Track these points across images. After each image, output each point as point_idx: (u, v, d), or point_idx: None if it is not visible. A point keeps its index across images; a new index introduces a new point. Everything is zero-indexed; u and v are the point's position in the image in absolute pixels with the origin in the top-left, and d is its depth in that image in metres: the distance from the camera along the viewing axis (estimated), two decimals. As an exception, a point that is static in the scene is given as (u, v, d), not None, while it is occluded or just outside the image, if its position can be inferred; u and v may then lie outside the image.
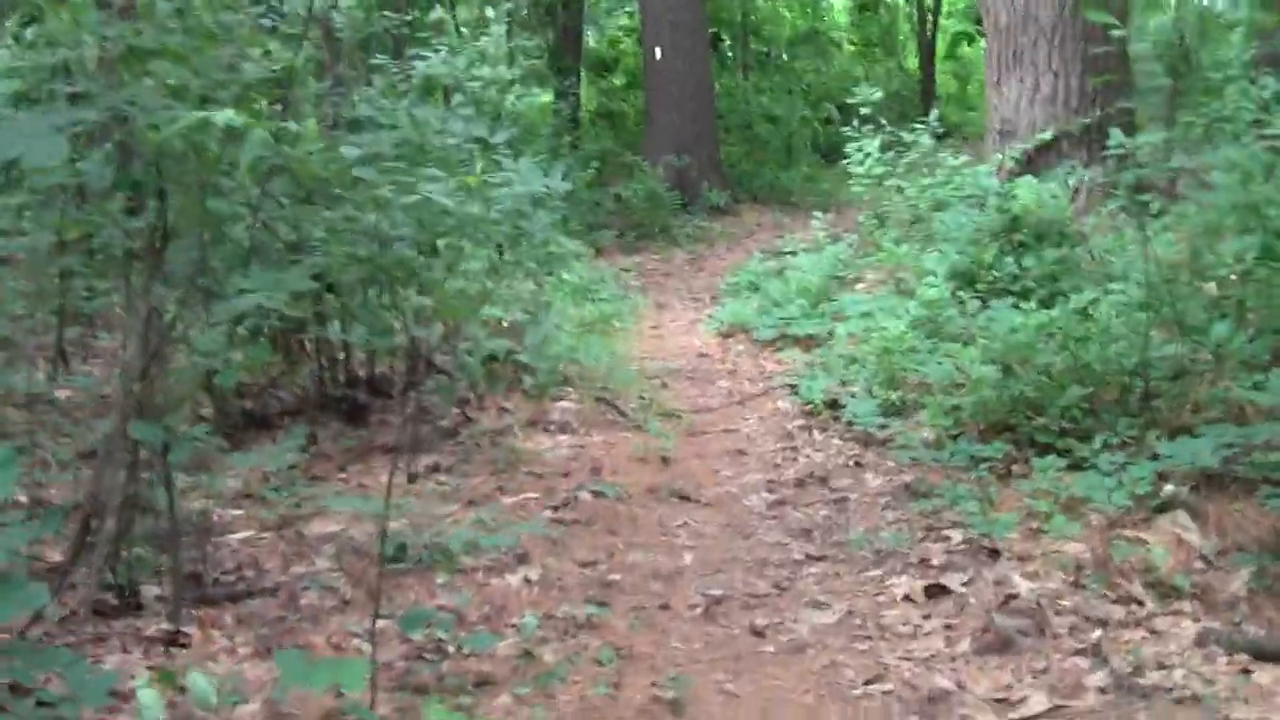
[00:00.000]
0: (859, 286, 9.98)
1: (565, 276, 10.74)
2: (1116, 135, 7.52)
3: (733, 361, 9.00)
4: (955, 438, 6.38)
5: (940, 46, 24.27)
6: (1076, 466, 5.76)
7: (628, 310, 11.23)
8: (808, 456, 6.67)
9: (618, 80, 25.39)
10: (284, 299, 4.68)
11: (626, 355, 9.30)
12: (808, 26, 24.00)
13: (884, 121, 10.49)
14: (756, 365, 8.78)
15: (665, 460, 6.66)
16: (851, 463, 6.46)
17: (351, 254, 6.81)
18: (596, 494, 6.00)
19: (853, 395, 7.25)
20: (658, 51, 18.31)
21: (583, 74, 23.87)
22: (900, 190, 10.10)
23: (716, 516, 5.83)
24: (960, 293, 8.30)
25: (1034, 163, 9.98)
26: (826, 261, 9.96)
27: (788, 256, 11.33)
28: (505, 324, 8.57)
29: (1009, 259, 8.42)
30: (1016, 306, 8.08)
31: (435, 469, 6.50)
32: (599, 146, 19.13)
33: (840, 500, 5.93)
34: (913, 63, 24.36)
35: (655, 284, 14.01)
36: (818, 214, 11.09)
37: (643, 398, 7.93)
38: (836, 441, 6.84)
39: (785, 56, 22.89)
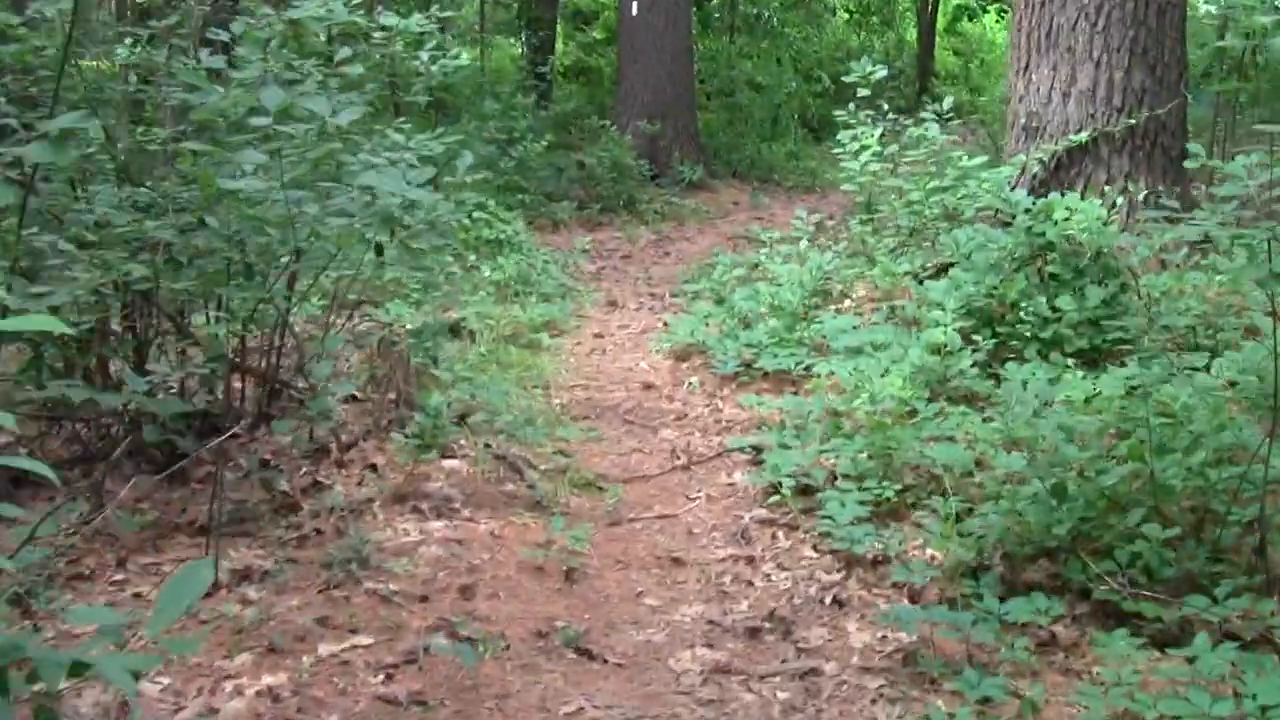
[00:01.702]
0: (845, 304, 8.00)
1: (487, 272, 8.71)
2: (1197, 151, 5.59)
3: (684, 400, 7.00)
4: (975, 572, 4.43)
5: (939, 20, 22.15)
6: (1161, 645, 3.84)
7: (568, 313, 9.21)
8: (768, 578, 4.69)
9: (597, 34, 23.24)
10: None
11: (552, 381, 7.30)
12: (800, -10, 21.84)
13: (885, 106, 8.44)
14: (712, 409, 6.78)
15: (570, 572, 4.68)
16: (828, 598, 4.49)
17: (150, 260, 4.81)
18: (458, 639, 4.03)
19: (833, 481, 5.28)
20: (634, 5, 16.18)
21: (559, 25, 21.73)
22: (901, 194, 8.08)
23: (627, 692, 3.86)
24: (975, 336, 6.33)
25: (1064, 169, 8.01)
26: (808, 274, 7.95)
27: (761, 258, 9.31)
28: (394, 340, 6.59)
29: (1039, 297, 6.45)
30: (1044, 356, 6.14)
31: (246, 575, 4.51)
32: (567, 107, 17.00)
33: (811, 673, 3.96)
34: (911, 35, 22.24)
35: (611, 270, 11.98)
36: (800, 214, 9.07)
37: (560, 454, 5.94)
38: (809, 554, 4.86)
39: (775, 21, 20.74)
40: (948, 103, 8.23)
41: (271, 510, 5.11)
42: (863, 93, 8.16)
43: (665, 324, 8.89)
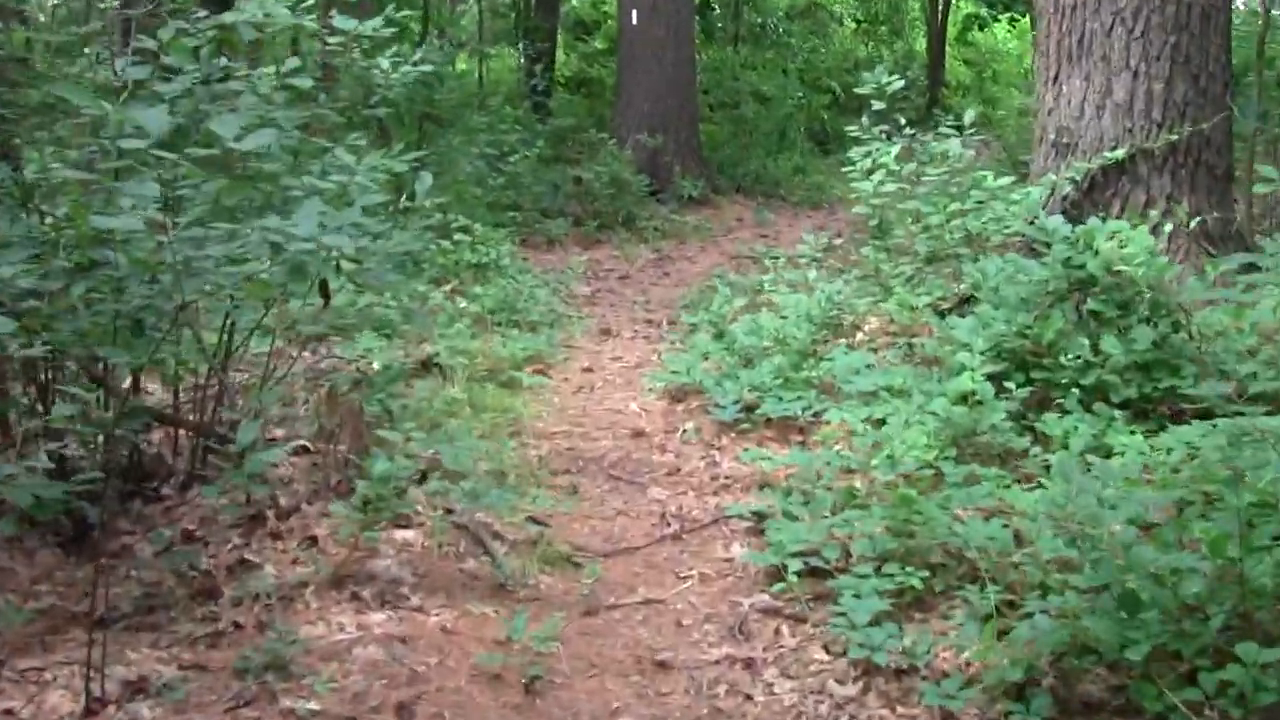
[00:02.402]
0: (857, 338, 7.17)
1: (464, 304, 7.90)
2: (1271, 175, 4.79)
3: (677, 451, 6.17)
4: (1021, 689, 3.61)
5: (949, 29, 21.32)
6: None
7: (556, 343, 8.38)
8: (770, 689, 3.86)
9: (599, 44, 22.45)
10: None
11: (530, 428, 6.48)
12: (807, 0, 21.00)
13: (902, 120, 7.61)
14: (709, 462, 5.96)
15: (533, 682, 3.86)
16: (844, 718, 3.67)
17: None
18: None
19: (848, 562, 4.45)
20: (634, 14, 15.39)
21: (559, 35, 20.96)
22: (919, 217, 7.24)
23: None
24: (1007, 382, 5.51)
25: (1099, 189, 7.18)
26: (816, 305, 7.14)
27: (765, 284, 8.49)
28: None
29: (1079, 337, 5.63)
30: (1086, 407, 5.33)
31: (141, 687, 3.70)
32: (565, 120, 16.18)
33: (821, 830, 3.14)
34: (921, 45, 21.41)
35: (607, 293, 11.17)
36: (807, 237, 8.24)
37: (532, 521, 5.12)
38: (820, 657, 4.03)
39: (781, 31, 19.92)
40: (969, 116, 7.40)
41: (188, 596, 4.30)
42: (876, 105, 7.32)
43: (660, 356, 8.08)
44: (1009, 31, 22.23)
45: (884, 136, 7.71)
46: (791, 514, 4.85)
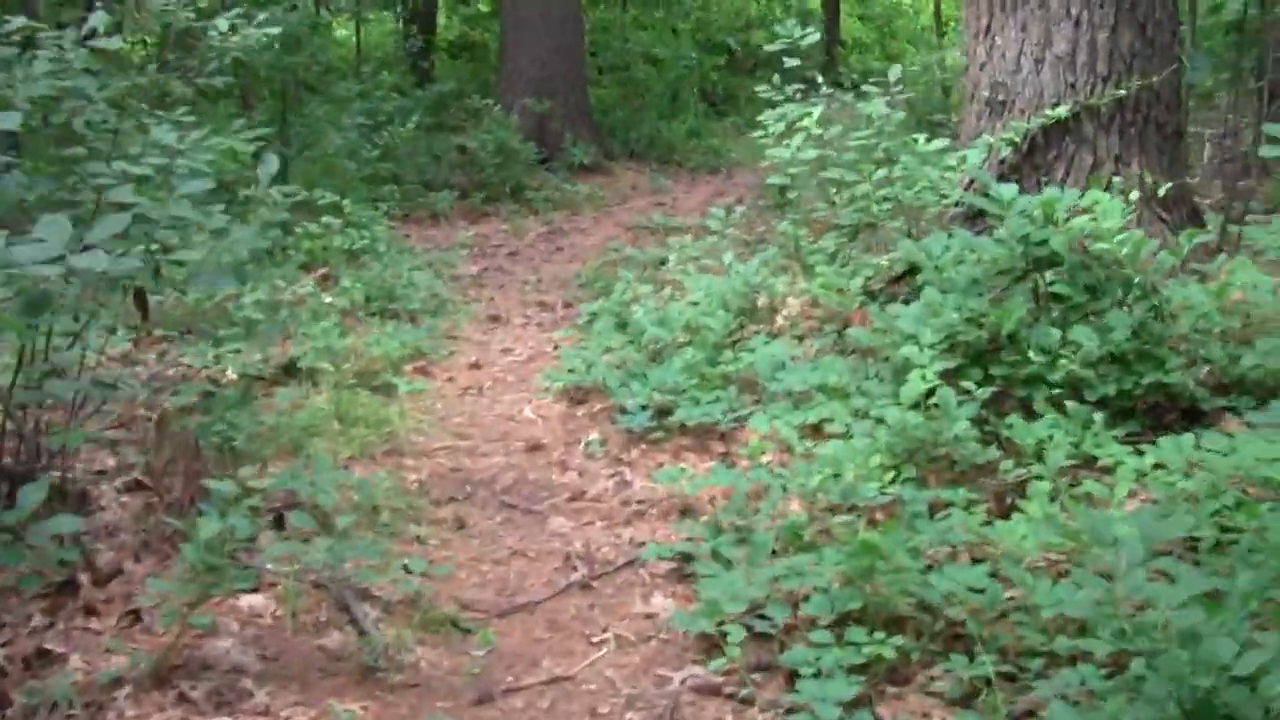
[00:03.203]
0: (778, 323, 6.29)
1: (326, 298, 6.88)
2: (1276, 132, 4.02)
3: (580, 468, 5.24)
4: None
5: (843, -15, 20.49)
6: None
7: (440, 334, 7.41)
8: (716, 810, 2.99)
9: (482, 5, 21.30)
10: None
11: (408, 443, 5.52)
12: (696, -45, 19.99)
13: (819, 78, 6.69)
14: (618, 482, 5.03)
15: (410, 819, 2.94)
16: None
17: None
18: None
19: (797, 618, 3.57)
20: (517, -28, 14.34)
21: (440, -4, 19.80)
22: (841, 185, 6.34)
23: None
24: (964, 380, 4.67)
25: (1040, 151, 6.37)
26: (731, 289, 6.25)
27: (670, 262, 7.59)
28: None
29: (1045, 325, 4.80)
30: (1058, 407, 4.53)
31: None
32: (446, 86, 15.07)
33: None
34: (816, 1, 20.54)
35: (495, 272, 10.19)
36: (716, 213, 7.33)
37: (406, 570, 4.16)
38: (773, 763, 3.16)
39: (670, -12, 18.93)
40: (894, 73, 6.50)
41: (-37, 705, 3.30)
42: (790, 62, 6.39)
43: (556, 347, 7.15)
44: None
45: (798, 97, 6.81)
46: (723, 556, 3.96)
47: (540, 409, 6.04)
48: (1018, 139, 6.32)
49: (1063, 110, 6.24)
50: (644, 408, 5.44)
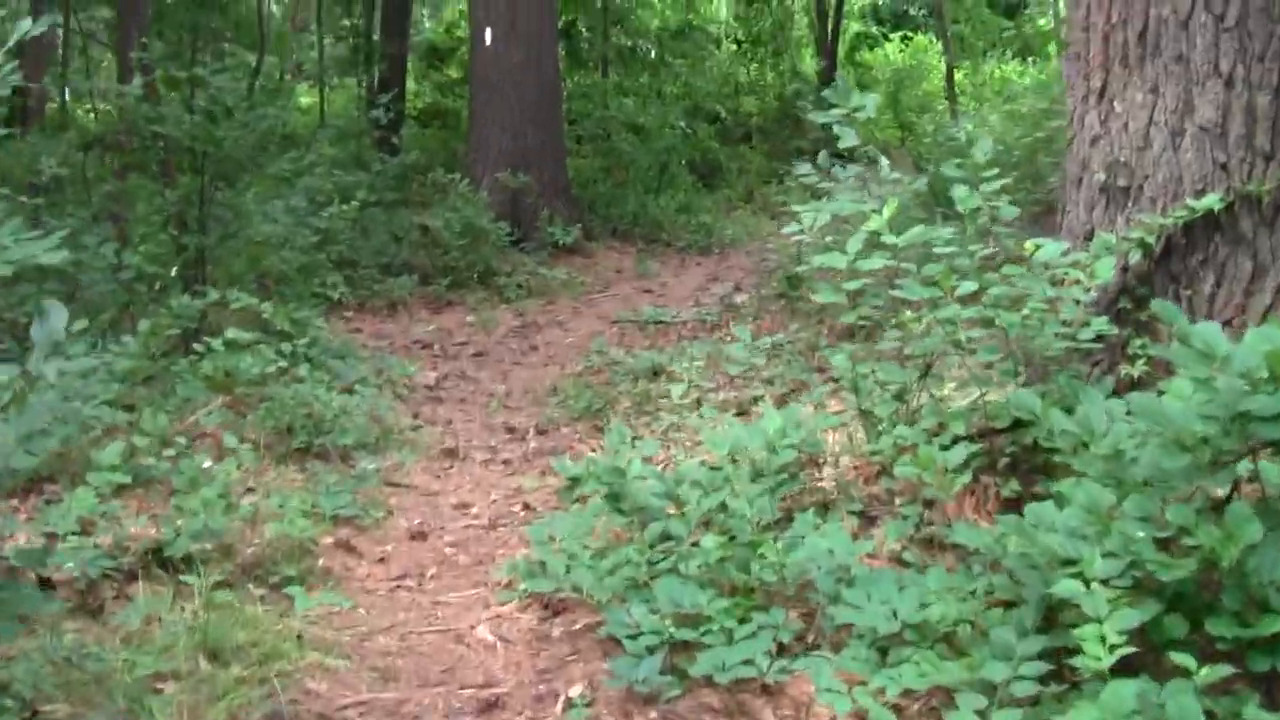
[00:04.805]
0: (825, 482, 4.42)
1: (207, 463, 4.95)
2: None
3: (559, 757, 3.38)
4: None
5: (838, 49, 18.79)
6: None
7: (376, 482, 5.55)
8: None
9: (453, 72, 19.61)
10: None
11: (304, 693, 3.61)
12: (681, 20, 18.26)
13: (877, 157, 4.83)
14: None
15: None
16: None
17: None
18: None
19: None
20: (488, 34, 12.60)
21: (409, 62, 18.06)
22: (919, 306, 4.44)
23: None
24: (1168, 644, 2.81)
25: (1178, 254, 4.58)
26: (763, 444, 4.39)
27: (673, 395, 5.72)
28: None
29: (1295, 557, 2.95)
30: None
31: None
32: (409, 157, 13.25)
33: None
34: (809, 65, 18.81)
35: (456, 380, 8.33)
36: (739, 346, 5.32)
37: None
38: None
39: (652, 52, 17.20)
40: (983, 148, 4.61)
41: None
42: (845, 137, 4.52)
43: (527, 507, 5.30)
44: (901, 51, 19.80)
45: (861, 187, 4.95)
46: None
47: (501, 623, 4.14)
48: (1150, 238, 4.51)
49: (1212, 200, 4.44)
50: (650, 650, 3.55)
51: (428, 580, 4.65)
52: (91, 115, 16.04)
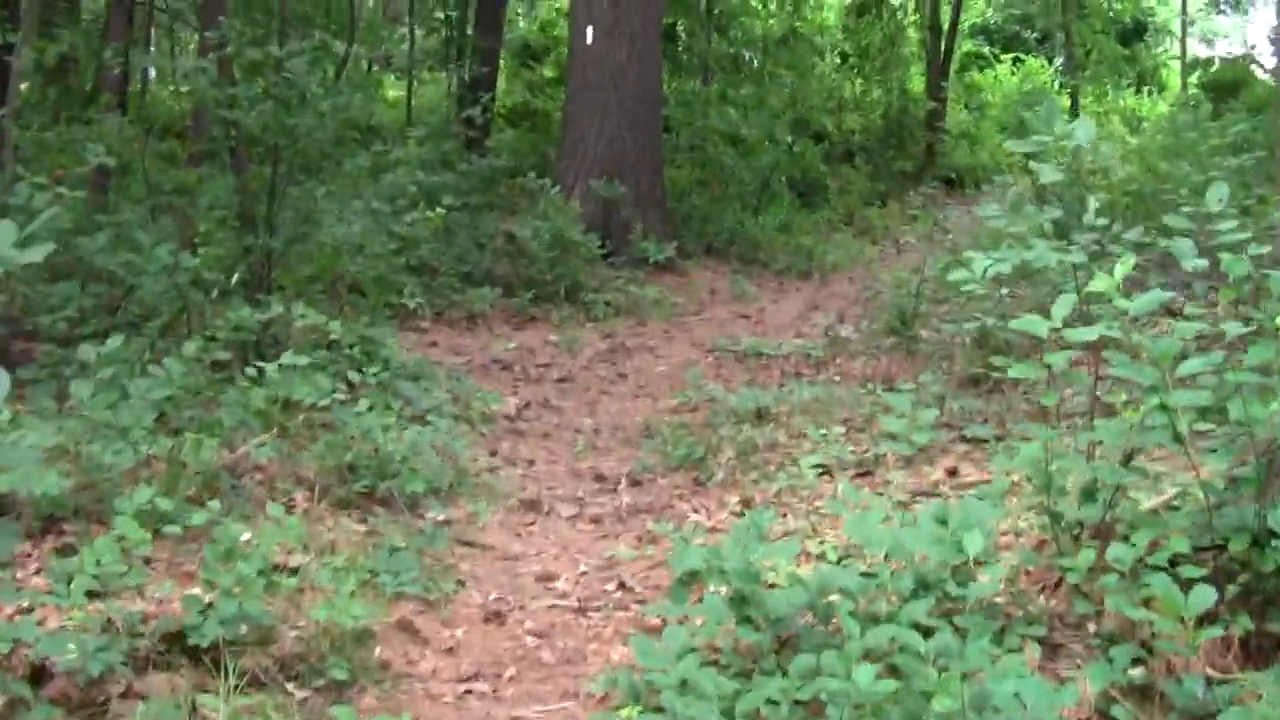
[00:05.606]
0: (984, 588, 3.52)
1: (244, 535, 4.11)
2: None
3: None
4: None
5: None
6: None
7: (445, 543, 4.70)
8: None
9: (548, 71, 18.81)
10: None
11: None
12: (786, 28, 17.33)
13: (1085, 199, 3.84)
14: None
15: None
16: None
17: None
18: None
19: None
20: (589, 32, 11.75)
21: (501, 60, 17.27)
22: (1147, 401, 3.44)
23: None
24: None
25: None
26: (937, 551, 3.49)
27: (808, 475, 4.81)
28: None
29: None
30: None
31: None
32: (498, 161, 12.40)
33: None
34: (917, 83, 17.81)
35: (539, 410, 7.49)
36: (900, 404, 4.40)
37: None
38: None
39: (757, 61, 16.29)
40: (1216, 195, 3.61)
41: None
42: (1047, 173, 3.53)
43: (623, 586, 4.43)
44: (1012, 74, 18.75)
45: (1101, 246, 3.99)
46: None
47: (592, 766, 3.27)
48: None
49: None
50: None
51: (504, 683, 3.79)
52: (175, 98, 15.41)
